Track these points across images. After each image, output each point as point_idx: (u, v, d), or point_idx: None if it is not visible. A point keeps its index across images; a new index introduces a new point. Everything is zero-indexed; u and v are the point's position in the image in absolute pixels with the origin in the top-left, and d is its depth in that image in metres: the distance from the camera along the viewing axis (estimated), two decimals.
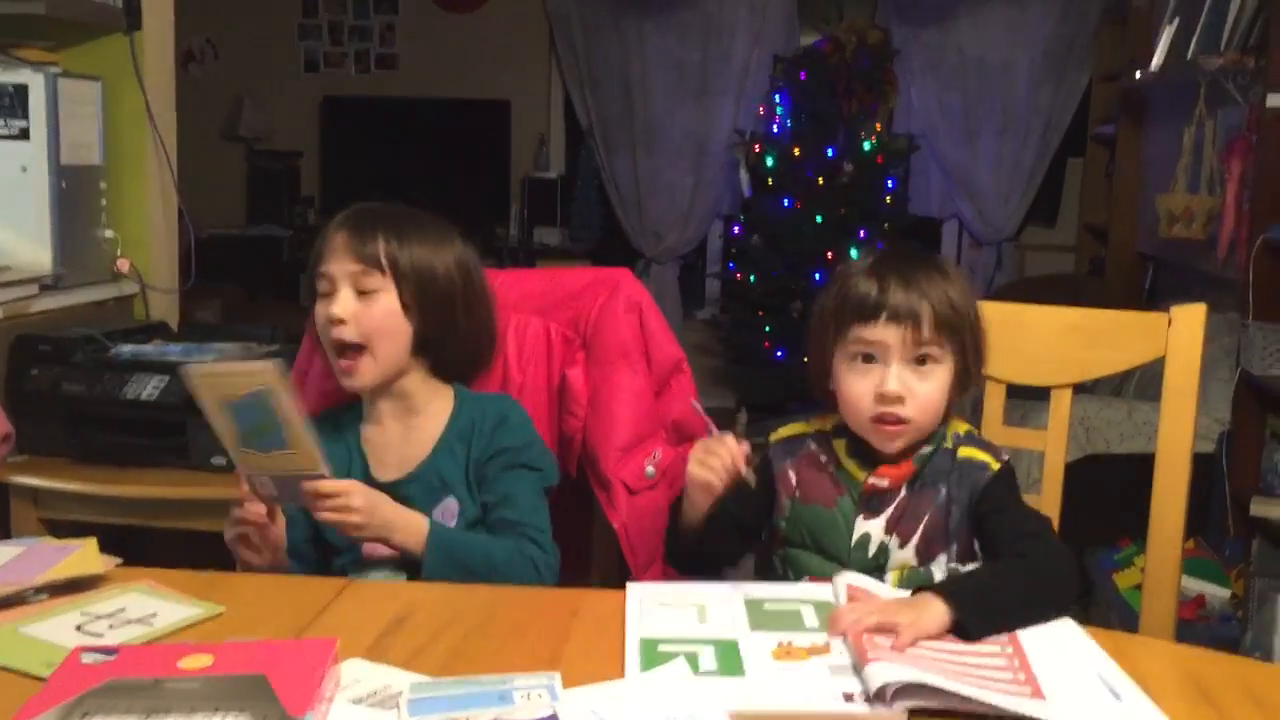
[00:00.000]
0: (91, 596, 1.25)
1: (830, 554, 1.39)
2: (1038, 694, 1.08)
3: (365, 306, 1.47)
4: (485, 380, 1.67)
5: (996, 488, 1.36)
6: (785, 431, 1.48)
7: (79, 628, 1.18)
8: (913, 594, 1.22)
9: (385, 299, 1.48)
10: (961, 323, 1.36)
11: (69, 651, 1.09)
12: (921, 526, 1.35)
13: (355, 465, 1.53)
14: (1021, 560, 1.27)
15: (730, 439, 1.37)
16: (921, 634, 1.15)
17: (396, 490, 1.48)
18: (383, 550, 1.47)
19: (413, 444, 1.53)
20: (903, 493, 1.37)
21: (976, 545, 1.38)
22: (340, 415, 1.58)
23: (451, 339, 1.54)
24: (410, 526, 1.43)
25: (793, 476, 1.43)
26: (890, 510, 1.37)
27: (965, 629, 1.17)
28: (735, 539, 1.48)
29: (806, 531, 1.40)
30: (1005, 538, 1.32)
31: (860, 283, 1.36)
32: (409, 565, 1.46)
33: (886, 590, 1.30)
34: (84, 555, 1.33)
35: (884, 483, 1.36)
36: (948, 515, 1.35)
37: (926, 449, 1.37)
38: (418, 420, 1.54)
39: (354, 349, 1.48)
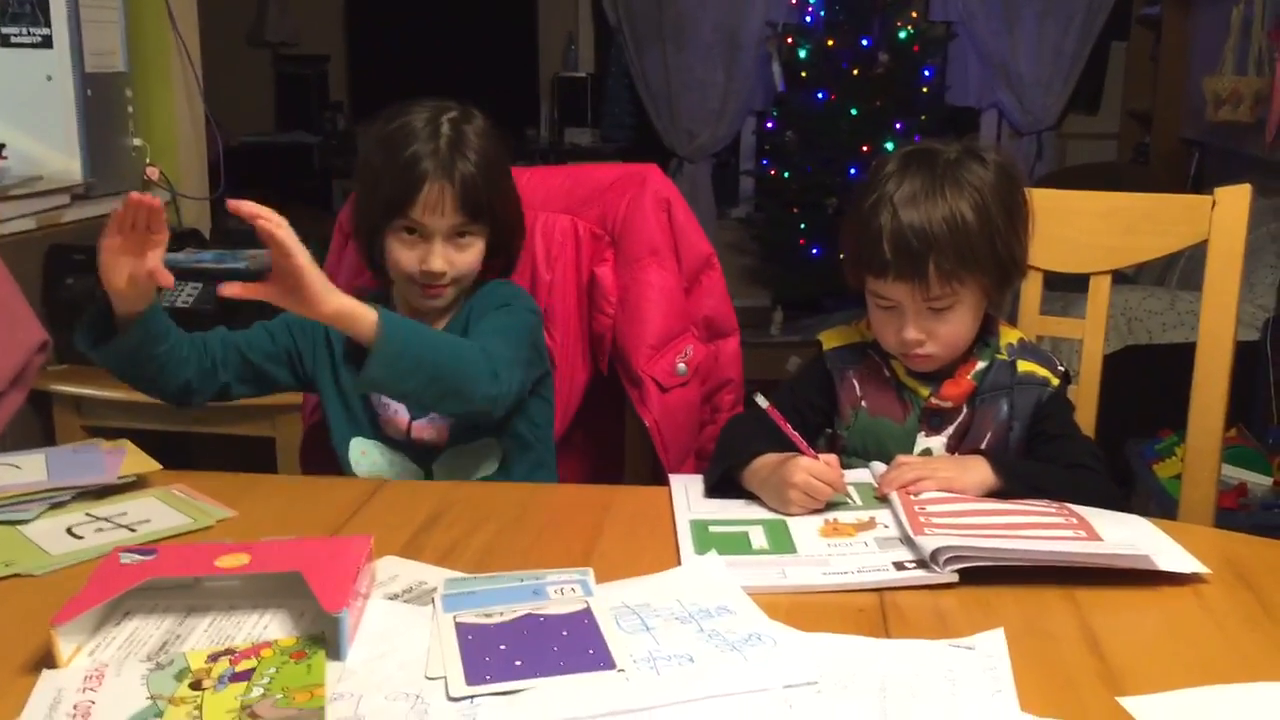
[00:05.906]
0: (113, 499, 1.27)
1: None
2: (1094, 538, 1.10)
3: (460, 253, 1.46)
4: (515, 279, 1.66)
5: (1054, 409, 1.35)
6: (837, 338, 1.44)
7: (69, 530, 1.19)
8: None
9: (479, 244, 1.48)
10: (978, 246, 1.28)
11: (33, 551, 1.13)
12: (984, 445, 1.33)
13: None
14: (1071, 473, 1.28)
15: (833, 470, 1.22)
16: (961, 488, 1.20)
17: None
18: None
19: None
20: (964, 410, 1.35)
21: None
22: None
23: (503, 254, 1.55)
24: (359, 308, 1.30)
25: (856, 387, 1.39)
26: (952, 428, 1.35)
27: (1005, 496, 1.21)
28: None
29: (871, 442, 1.38)
30: (1058, 465, 1.30)
31: (873, 221, 1.28)
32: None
33: None
34: (134, 457, 1.37)
35: (946, 404, 1.35)
36: (1009, 431, 1.33)
37: (982, 364, 1.35)
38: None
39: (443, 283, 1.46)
